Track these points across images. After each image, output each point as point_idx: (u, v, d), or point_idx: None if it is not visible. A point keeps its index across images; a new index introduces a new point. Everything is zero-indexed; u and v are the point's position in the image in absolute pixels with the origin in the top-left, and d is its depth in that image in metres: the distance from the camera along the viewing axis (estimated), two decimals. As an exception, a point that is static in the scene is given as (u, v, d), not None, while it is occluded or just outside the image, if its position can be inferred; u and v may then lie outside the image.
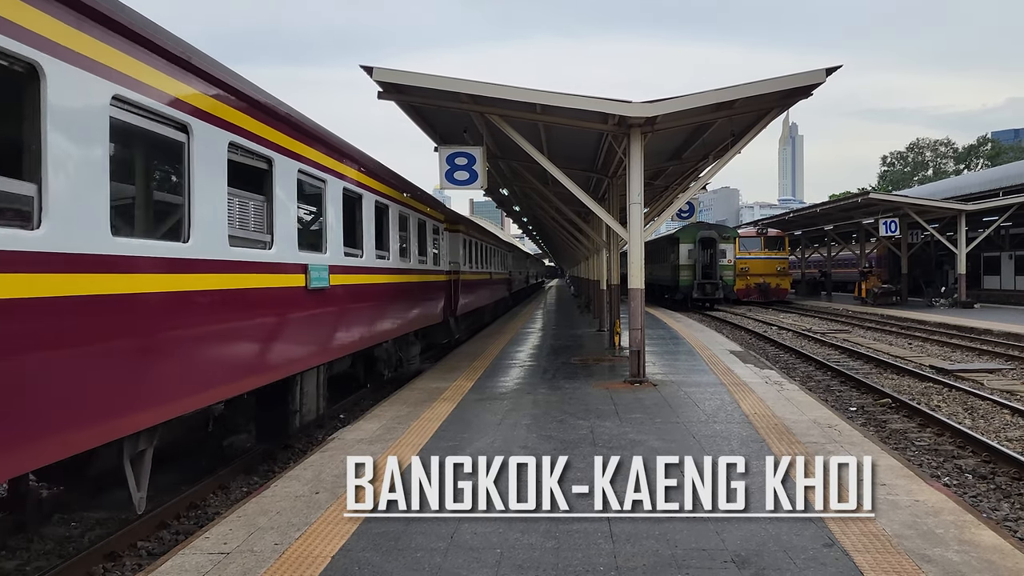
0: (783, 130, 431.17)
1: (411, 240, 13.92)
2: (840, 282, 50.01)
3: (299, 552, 4.77)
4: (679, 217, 23.35)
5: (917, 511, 5.32)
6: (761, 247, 41.47)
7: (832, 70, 10.16)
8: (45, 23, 4.39)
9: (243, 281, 6.88)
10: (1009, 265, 39.76)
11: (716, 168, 13.11)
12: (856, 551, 4.60)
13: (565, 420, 8.63)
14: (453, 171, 11.91)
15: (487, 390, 10.90)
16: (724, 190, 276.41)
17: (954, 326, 23.20)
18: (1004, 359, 16.60)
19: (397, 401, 10.09)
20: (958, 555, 4.52)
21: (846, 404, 12.15)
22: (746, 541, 4.80)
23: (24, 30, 4.22)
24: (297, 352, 8.33)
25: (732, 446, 7.27)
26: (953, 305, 32.13)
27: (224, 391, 6.76)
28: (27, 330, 4.20)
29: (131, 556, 6.10)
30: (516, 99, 10.58)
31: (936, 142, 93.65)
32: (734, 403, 9.52)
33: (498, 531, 5.07)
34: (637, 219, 11.10)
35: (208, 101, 6.40)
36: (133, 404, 5.29)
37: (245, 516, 5.50)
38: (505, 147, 14.65)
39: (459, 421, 8.68)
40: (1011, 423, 10.41)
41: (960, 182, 44.65)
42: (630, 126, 10.79)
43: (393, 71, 10.27)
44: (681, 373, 12.32)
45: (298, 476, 6.52)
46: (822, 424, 8.19)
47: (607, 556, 4.59)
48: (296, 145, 8.27)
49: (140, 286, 5.28)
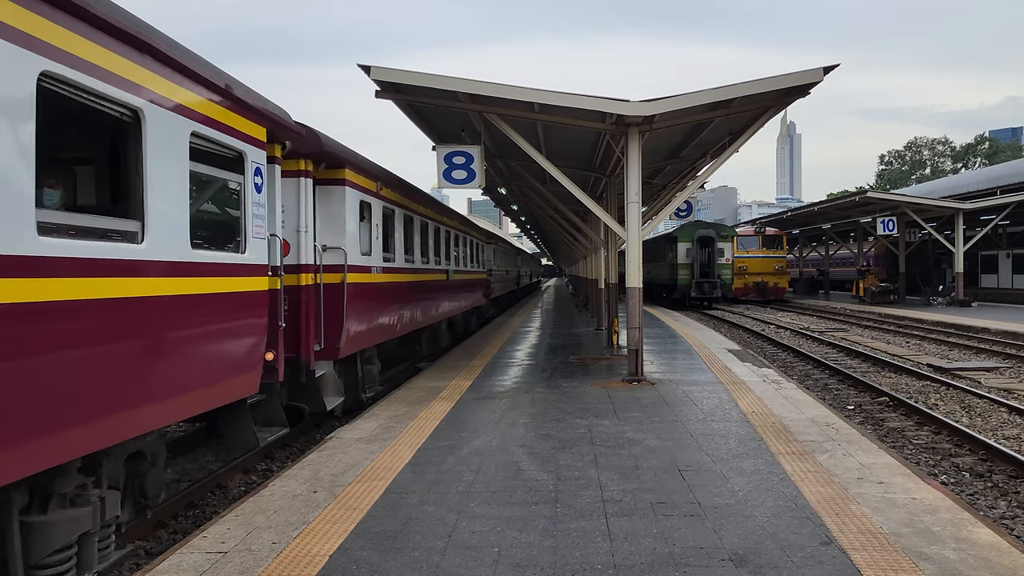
0: (781, 129, 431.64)
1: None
2: (838, 281, 50.10)
3: (297, 551, 4.77)
4: (677, 216, 23.32)
5: (914, 509, 5.32)
6: (759, 246, 41.53)
7: (830, 69, 10.17)
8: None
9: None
10: (1007, 263, 39.84)
11: (714, 167, 13.12)
12: (853, 549, 4.60)
13: (563, 419, 8.63)
14: (451, 170, 11.91)
15: (485, 389, 10.90)
16: (722, 189, 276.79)
17: (952, 325, 23.23)
18: (1001, 357, 16.63)
19: (395, 400, 10.09)
20: (955, 553, 4.53)
21: (844, 403, 12.17)
22: (743, 539, 4.81)
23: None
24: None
25: (730, 445, 7.28)
26: (951, 304, 32.17)
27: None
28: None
29: (129, 555, 6.09)
30: (514, 98, 10.58)
31: (934, 141, 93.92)
32: (732, 402, 9.53)
33: (496, 530, 5.07)
34: (635, 218, 11.10)
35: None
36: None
37: (243, 515, 5.49)
38: (503, 146, 14.64)
39: (457, 420, 8.69)
40: (1008, 421, 10.43)
41: (958, 181, 44.71)
42: (628, 125, 10.79)
43: (391, 70, 10.26)
44: (679, 372, 12.33)
45: (296, 475, 6.52)
46: (820, 422, 8.20)
47: (605, 554, 4.59)
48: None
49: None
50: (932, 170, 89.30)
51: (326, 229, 9.69)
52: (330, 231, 9.70)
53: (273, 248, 7.34)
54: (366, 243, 10.84)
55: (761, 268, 41.02)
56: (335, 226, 9.76)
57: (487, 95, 10.57)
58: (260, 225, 6.96)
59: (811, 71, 10.23)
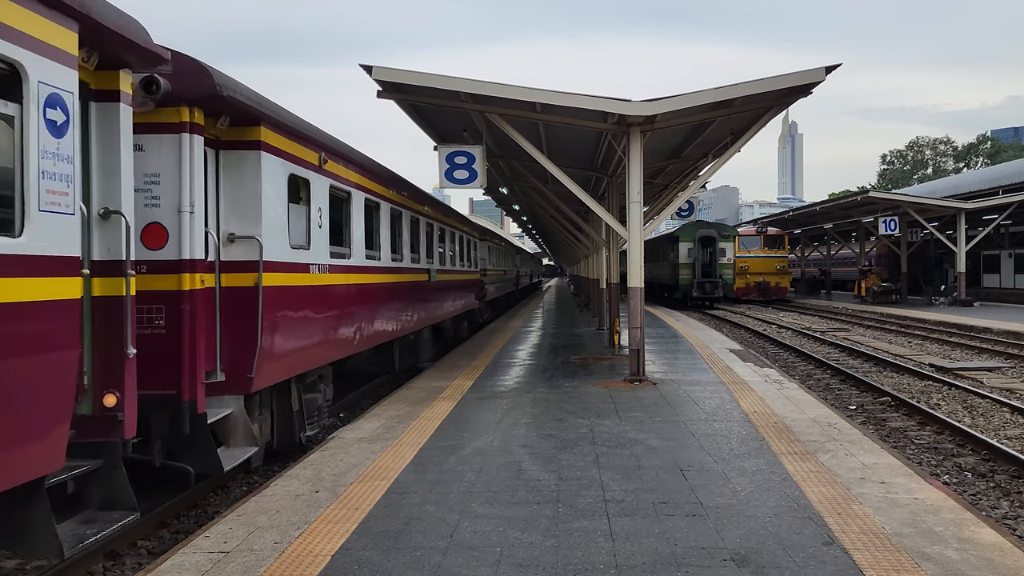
0: (783, 128, 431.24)
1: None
2: (840, 280, 50.05)
3: (299, 550, 4.77)
4: (679, 216, 23.35)
5: (916, 509, 5.32)
6: (761, 246, 41.49)
7: (831, 68, 10.17)
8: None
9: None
10: (1009, 263, 39.81)
11: (716, 167, 13.12)
12: (855, 549, 4.60)
13: (565, 419, 8.63)
14: (453, 170, 11.91)
15: (487, 389, 10.90)
16: (724, 188, 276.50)
17: (954, 324, 23.20)
18: (1004, 357, 16.61)
19: (396, 400, 10.10)
20: (957, 553, 4.53)
21: (846, 402, 12.16)
22: (746, 539, 4.81)
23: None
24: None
25: (732, 444, 7.28)
26: (953, 303, 32.13)
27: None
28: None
29: (131, 555, 6.10)
30: (516, 98, 10.59)
31: (936, 140, 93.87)
32: (734, 402, 9.52)
33: (498, 529, 5.07)
34: (637, 218, 11.10)
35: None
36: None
37: (245, 515, 5.50)
38: (505, 146, 14.64)
39: (459, 420, 8.69)
40: (1010, 421, 10.41)
41: (960, 180, 44.68)
42: (630, 125, 10.79)
43: (393, 70, 10.26)
44: (681, 372, 12.33)
45: (298, 475, 6.53)
46: (821, 422, 8.20)
47: (607, 554, 4.59)
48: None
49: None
50: (934, 170, 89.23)
51: (233, 211, 7.14)
52: (239, 214, 7.14)
53: (111, 233, 5.21)
54: (301, 233, 8.35)
55: (763, 268, 40.99)
56: (246, 208, 7.15)
57: (489, 95, 10.58)
58: (58, 192, 4.49)
59: (813, 71, 10.23)
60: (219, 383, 6.88)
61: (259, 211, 7.21)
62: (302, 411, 8.56)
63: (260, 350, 7.08)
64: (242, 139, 7.19)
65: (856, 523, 5.05)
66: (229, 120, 7.06)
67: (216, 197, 7.04)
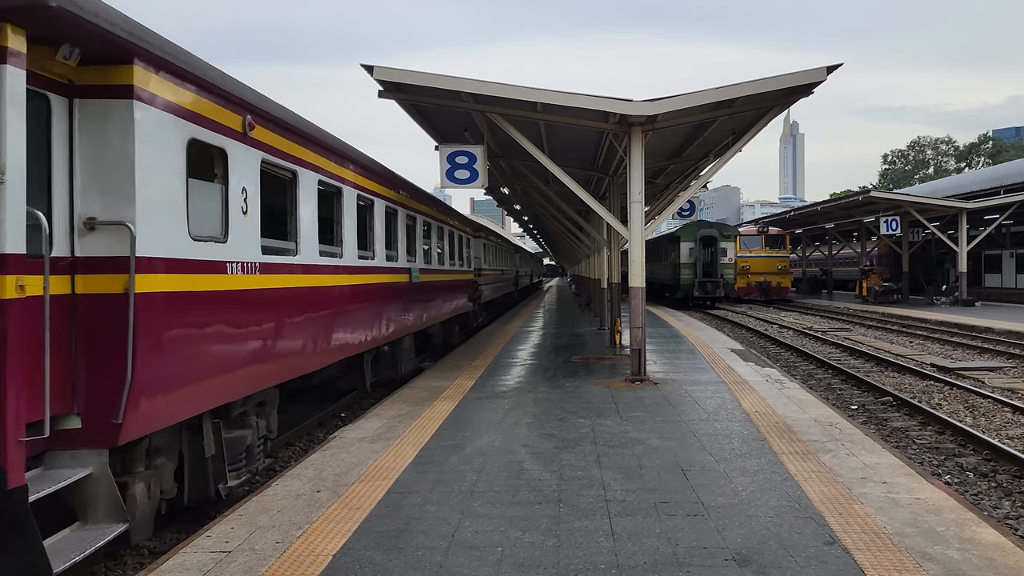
0: (784, 128, 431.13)
1: None
2: (841, 280, 50.02)
3: (300, 550, 4.77)
4: (680, 215, 23.32)
5: (918, 509, 5.32)
6: (762, 245, 41.46)
7: (833, 68, 10.16)
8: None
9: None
10: (1010, 263, 39.79)
11: (717, 166, 13.11)
12: (857, 549, 4.60)
13: (566, 419, 8.63)
14: (454, 170, 11.91)
15: (488, 389, 10.90)
16: (725, 188, 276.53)
17: (955, 324, 23.18)
18: (1005, 357, 16.59)
19: (398, 400, 10.10)
20: (959, 553, 4.52)
21: (847, 402, 12.16)
22: (747, 539, 4.81)
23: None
24: None
25: (733, 444, 7.28)
26: (954, 303, 32.10)
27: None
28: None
29: (132, 555, 6.10)
30: (517, 98, 10.58)
31: (937, 140, 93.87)
32: (735, 401, 9.52)
33: (499, 529, 5.07)
34: (638, 217, 11.10)
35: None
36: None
37: (246, 515, 5.51)
38: (506, 146, 14.65)
39: (460, 420, 8.69)
40: (1012, 421, 10.40)
41: (961, 180, 44.63)
42: (631, 124, 10.79)
43: (394, 70, 10.26)
44: (682, 371, 12.33)
45: (299, 475, 6.53)
46: (823, 422, 8.19)
47: (608, 554, 4.59)
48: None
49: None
50: (936, 169, 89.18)
51: (93, 185, 5.11)
52: (101, 189, 5.13)
53: None
54: (211, 220, 6.39)
55: (764, 268, 40.96)
56: (112, 180, 5.13)
57: (490, 95, 10.57)
58: None
59: (814, 70, 10.22)
60: (72, 432, 4.95)
61: (131, 185, 5.16)
62: (222, 454, 6.66)
63: (133, 383, 5.05)
64: (105, 83, 5.11)
65: (857, 523, 5.05)
66: (80, 54, 4.94)
67: (69, 166, 5.04)
